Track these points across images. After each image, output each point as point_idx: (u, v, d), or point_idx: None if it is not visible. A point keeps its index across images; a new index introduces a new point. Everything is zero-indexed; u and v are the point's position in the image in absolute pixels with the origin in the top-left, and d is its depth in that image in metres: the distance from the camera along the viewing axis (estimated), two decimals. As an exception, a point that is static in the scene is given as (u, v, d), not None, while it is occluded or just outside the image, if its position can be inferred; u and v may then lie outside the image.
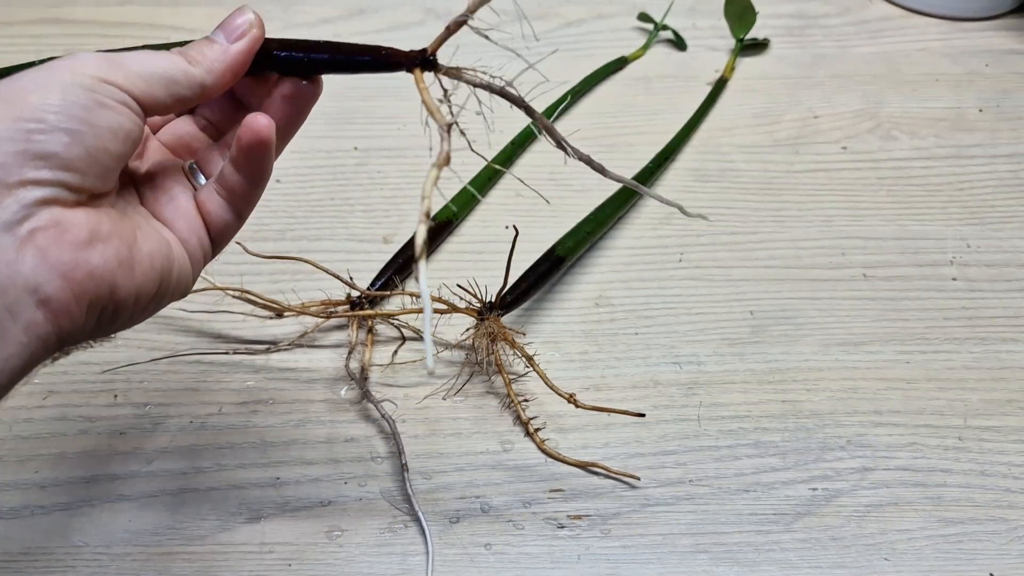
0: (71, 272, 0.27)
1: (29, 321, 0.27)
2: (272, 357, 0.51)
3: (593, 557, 0.43)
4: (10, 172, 0.26)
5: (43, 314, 0.27)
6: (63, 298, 0.27)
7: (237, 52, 0.33)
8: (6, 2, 0.77)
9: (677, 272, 0.57)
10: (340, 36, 0.75)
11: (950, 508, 0.45)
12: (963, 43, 0.77)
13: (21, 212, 0.27)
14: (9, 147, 0.26)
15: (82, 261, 0.28)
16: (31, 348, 0.27)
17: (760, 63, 0.75)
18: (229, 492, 0.45)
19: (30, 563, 0.42)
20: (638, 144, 0.65)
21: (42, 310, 0.27)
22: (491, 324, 0.48)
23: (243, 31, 0.33)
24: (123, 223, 0.30)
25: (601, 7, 0.81)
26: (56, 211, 0.27)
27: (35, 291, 0.27)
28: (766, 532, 0.44)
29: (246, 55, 0.33)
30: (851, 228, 0.60)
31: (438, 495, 0.45)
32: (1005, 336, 0.54)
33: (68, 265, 0.27)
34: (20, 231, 0.27)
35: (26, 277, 0.26)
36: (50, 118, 0.27)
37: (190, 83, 0.31)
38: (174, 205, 0.34)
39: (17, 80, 0.28)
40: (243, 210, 0.35)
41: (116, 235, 0.29)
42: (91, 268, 0.28)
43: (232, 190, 0.34)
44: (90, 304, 0.29)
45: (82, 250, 0.28)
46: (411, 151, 0.65)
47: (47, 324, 0.27)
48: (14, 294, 0.26)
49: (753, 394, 0.50)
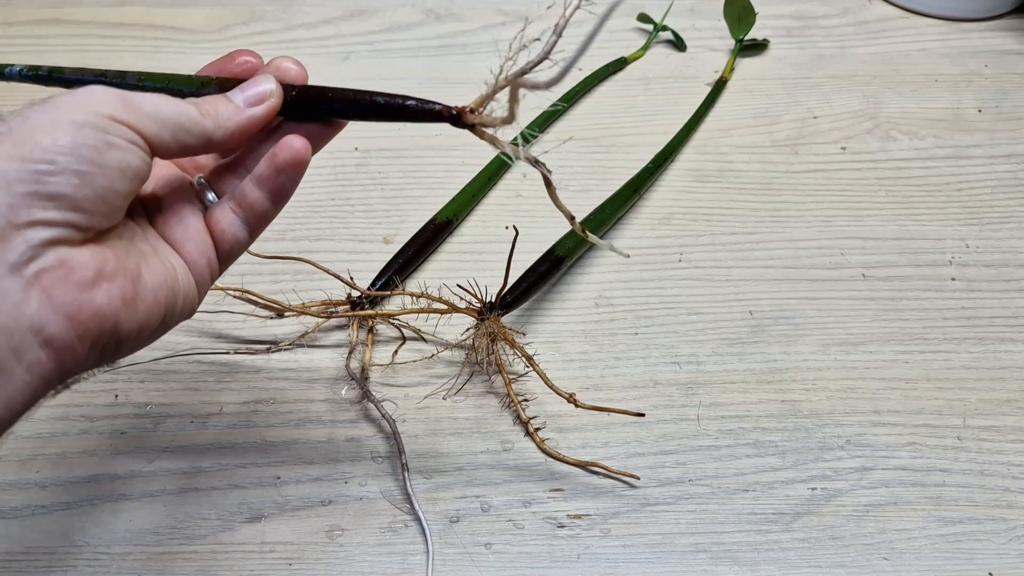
0: (76, 313, 0.28)
1: (33, 361, 0.27)
2: (273, 357, 0.51)
3: (593, 557, 0.43)
4: (19, 213, 0.27)
5: (46, 354, 0.27)
6: (67, 338, 0.28)
7: (251, 117, 0.33)
8: (6, 2, 0.78)
9: (677, 272, 0.57)
10: (341, 36, 0.76)
11: (949, 508, 0.45)
12: (962, 43, 0.77)
13: (28, 253, 0.27)
14: (19, 188, 0.27)
15: (87, 302, 0.28)
16: (34, 387, 0.28)
17: (759, 64, 0.75)
18: (230, 492, 0.45)
19: (31, 562, 0.42)
20: (638, 145, 0.65)
21: (46, 350, 0.27)
22: (491, 324, 0.48)
23: (262, 98, 0.34)
24: (128, 258, 0.30)
25: (600, 8, 0.80)
26: (63, 251, 0.28)
27: (39, 332, 0.27)
28: (765, 531, 0.44)
29: (260, 122, 0.34)
30: (850, 228, 0.60)
31: (438, 495, 0.45)
32: (1004, 336, 0.54)
33: (72, 306, 0.28)
34: (27, 272, 0.27)
35: (31, 318, 0.27)
36: (60, 159, 0.27)
37: (198, 133, 0.32)
38: (183, 226, 0.34)
39: (28, 118, 0.28)
40: (257, 228, 0.35)
41: (121, 272, 0.29)
42: (95, 308, 0.28)
43: (251, 208, 0.34)
44: (93, 342, 0.29)
45: (87, 290, 0.28)
46: (411, 151, 0.65)
47: (50, 363, 0.28)
48: (19, 335, 0.27)
49: (752, 394, 0.50)
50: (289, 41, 0.75)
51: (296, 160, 0.33)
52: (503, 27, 0.78)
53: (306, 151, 0.34)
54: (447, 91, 0.70)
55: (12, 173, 0.26)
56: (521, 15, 0.79)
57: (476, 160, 0.63)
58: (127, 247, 0.31)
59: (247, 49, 0.36)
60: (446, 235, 0.58)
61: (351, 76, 0.71)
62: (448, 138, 0.66)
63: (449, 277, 0.52)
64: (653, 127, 0.67)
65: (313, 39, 0.75)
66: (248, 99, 0.33)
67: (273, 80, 0.34)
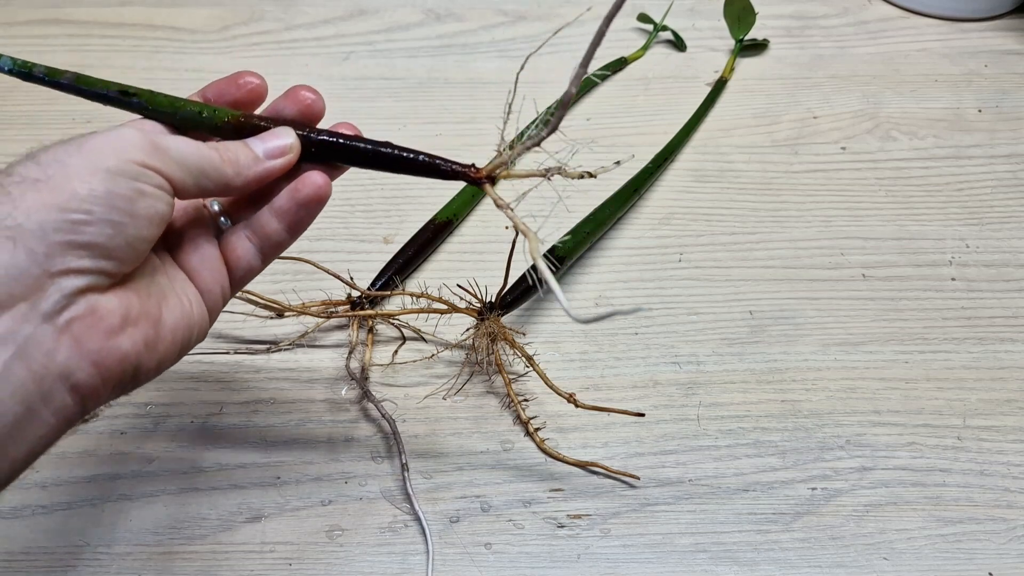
0: (102, 359, 0.29)
1: (60, 405, 0.28)
2: (273, 357, 0.51)
3: (593, 556, 0.43)
4: (54, 261, 0.27)
5: (72, 398, 0.29)
6: (93, 383, 0.29)
7: (269, 168, 0.34)
8: (6, 2, 0.78)
9: (677, 272, 0.57)
10: (341, 36, 0.76)
11: (949, 507, 0.45)
12: (962, 43, 0.77)
13: (61, 302, 0.28)
14: (55, 237, 0.27)
15: (113, 348, 0.29)
16: (58, 428, 0.29)
17: (759, 64, 0.75)
18: (230, 492, 0.45)
19: (31, 562, 0.42)
20: (638, 144, 0.65)
21: (72, 395, 0.28)
22: (491, 324, 0.48)
23: (282, 152, 0.35)
24: (150, 300, 0.31)
25: (601, 8, 0.80)
26: (92, 298, 0.29)
27: (68, 378, 0.28)
28: (765, 531, 0.44)
29: (277, 174, 0.35)
30: (850, 228, 0.60)
31: (438, 495, 0.45)
32: (1003, 336, 0.54)
33: (100, 353, 0.29)
34: (59, 320, 0.28)
35: (61, 365, 0.28)
36: (96, 210, 0.28)
37: (218, 179, 0.33)
38: (200, 255, 0.35)
39: (61, 162, 0.28)
40: (271, 256, 0.37)
41: (144, 316, 0.31)
42: (122, 354, 0.29)
43: (268, 238, 0.36)
44: (115, 384, 0.30)
45: (114, 337, 0.29)
46: (411, 151, 0.65)
47: (75, 406, 0.29)
48: (49, 382, 0.28)
49: (752, 394, 0.50)
50: (289, 41, 0.75)
51: (317, 196, 0.35)
52: (503, 27, 0.78)
53: (327, 187, 0.35)
54: (447, 91, 0.70)
55: (49, 223, 0.27)
56: (521, 15, 0.79)
57: (476, 160, 0.63)
58: (148, 286, 0.32)
59: (250, 71, 0.37)
60: (446, 235, 0.58)
61: (351, 76, 0.71)
62: (448, 138, 0.66)
63: (449, 277, 0.52)
64: (653, 127, 0.67)
65: (313, 39, 0.75)
66: (268, 151, 0.34)
67: (293, 134, 0.35)
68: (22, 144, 0.63)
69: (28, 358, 0.27)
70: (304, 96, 0.37)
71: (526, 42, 0.76)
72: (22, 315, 0.27)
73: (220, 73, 0.37)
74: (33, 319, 0.27)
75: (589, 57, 0.31)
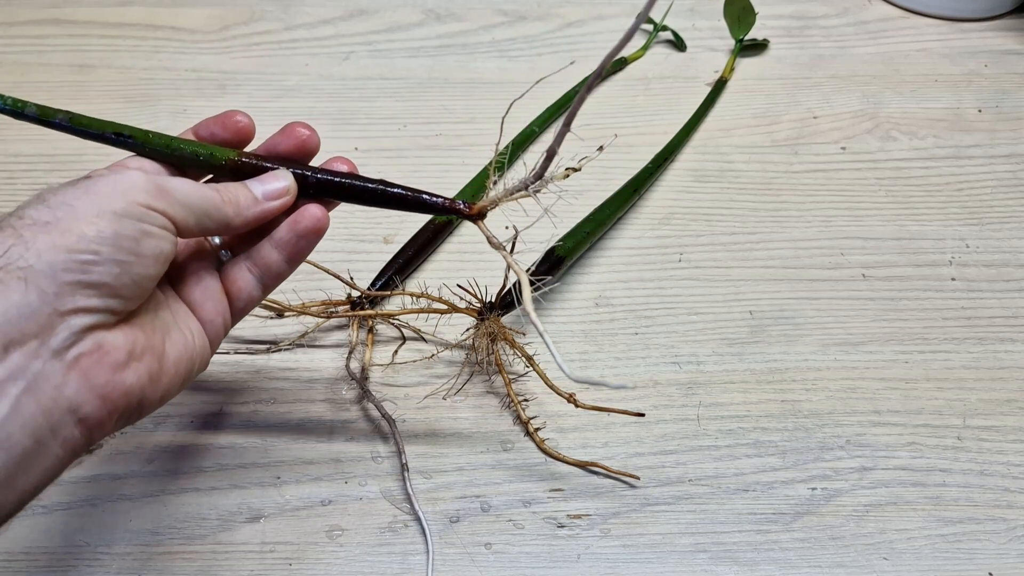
0: (109, 393, 0.30)
1: (67, 437, 0.29)
2: (273, 357, 0.51)
3: (593, 556, 0.43)
4: (64, 300, 0.29)
5: (79, 431, 0.30)
6: (99, 416, 0.30)
7: (267, 209, 0.36)
8: (6, 2, 0.78)
9: (676, 272, 0.57)
10: (341, 36, 0.76)
11: (949, 507, 0.45)
12: (962, 43, 0.77)
13: (70, 339, 0.29)
14: (65, 277, 0.29)
15: (119, 382, 0.30)
16: (64, 460, 0.30)
17: (759, 64, 0.75)
18: (230, 491, 0.45)
19: (31, 562, 0.42)
20: (638, 145, 0.65)
21: (79, 427, 0.29)
22: (491, 324, 0.48)
23: (280, 194, 0.37)
24: (155, 335, 0.33)
25: (600, 8, 0.81)
26: (99, 335, 0.30)
27: (75, 411, 0.29)
28: (765, 531, 0.44)
29: (274, 214, 0.37)
30: (850, 228, 0.60)
31: (438, 495, 0.45)
32: (1003, 336, 0.54)
33: (107, 387, 0.30)
34: (68, 356, 0.29)
35: (69, 399, 0.29)
36: (104, 251, 0.29)
37: (218, 219, 0.34)
38: (202, 287, 0.36)
39: (70, 204, 0.30)
40: (271, 286, 0.38)
41: (148, 350, 0.32)
42: (126, 388, 0.30)
43: (268, 269, 0.37)
44: (120, 416, 0.31)
45: (120, 371, 0.30)
46: (411, 151, 0.65)
47: (81, 438, 0.30)
48: (58, 416, 0.29)
49: (752, 394, 0.50)
50: (289, 41, 0.75)
51: (316, 228, 0.37)
52: (503, 27, 0.78)
53: (325, 219, 0.37)
54: (447, 91, 0.71)
55: (59, 263, 0.29)
56: (521, 15, 0.79)
57: (476, 160, 0.63)
58: (153, 321, 0.33)
59: (239, 110, 0.38)
60: (446, 235, 0.58)
61: (351, 76, 0.71)
62: (448, 138, 0.66)
63: (449, 277, 0.52)
64: (653, 127, 0.67)
65: (313, 39, 0.75)
66: (267, 193, 0.36)
67: (290, 176, 0.37)
68: (29, 144, 0.63)
69: (38, 392, 0.28)
70: (300, 132, 0.38)
71: (526, 42, 0.76)
72: (33, 351, 0.28)
73: (220, 73, 0.37)
74: (43, 355, 0.28)
75: (573, 115, 0.33)
